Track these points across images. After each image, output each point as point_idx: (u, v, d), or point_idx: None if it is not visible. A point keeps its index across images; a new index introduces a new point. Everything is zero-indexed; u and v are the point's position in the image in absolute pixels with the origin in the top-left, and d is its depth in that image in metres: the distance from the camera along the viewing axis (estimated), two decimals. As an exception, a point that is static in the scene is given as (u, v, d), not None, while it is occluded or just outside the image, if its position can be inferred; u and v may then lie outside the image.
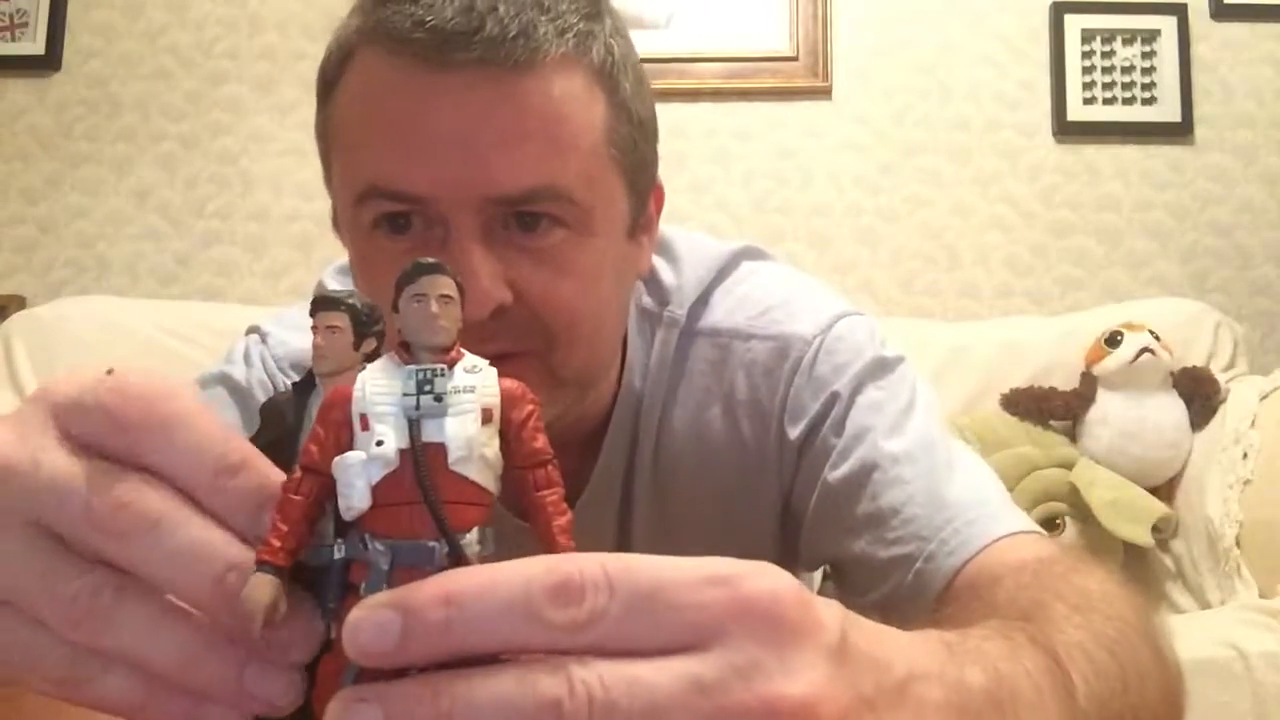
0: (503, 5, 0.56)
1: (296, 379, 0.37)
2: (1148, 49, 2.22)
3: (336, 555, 0.33)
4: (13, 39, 2.25)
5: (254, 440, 0.37)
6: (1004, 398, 1.83)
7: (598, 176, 0.61)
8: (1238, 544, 1.57)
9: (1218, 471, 1.66)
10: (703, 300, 0.75)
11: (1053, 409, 1.82)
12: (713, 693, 0.28)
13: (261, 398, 0.74)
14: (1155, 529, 1.71)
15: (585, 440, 0.73)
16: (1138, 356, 1.76)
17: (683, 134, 2.20)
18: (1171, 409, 1.78)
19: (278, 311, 0.84)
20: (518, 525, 0.33)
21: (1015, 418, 1.81)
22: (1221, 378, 1.82)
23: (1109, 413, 1.78)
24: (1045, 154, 2.23)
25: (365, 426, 0.32)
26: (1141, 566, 1.74)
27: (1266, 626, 1.25)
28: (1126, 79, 2.22)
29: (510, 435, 0.33)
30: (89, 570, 0.32)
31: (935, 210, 2.22)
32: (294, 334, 0.78)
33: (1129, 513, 1.70)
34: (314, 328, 0.35)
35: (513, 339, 0.60)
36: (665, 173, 0.72)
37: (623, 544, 0.76)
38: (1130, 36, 2.22)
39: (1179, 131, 2.20)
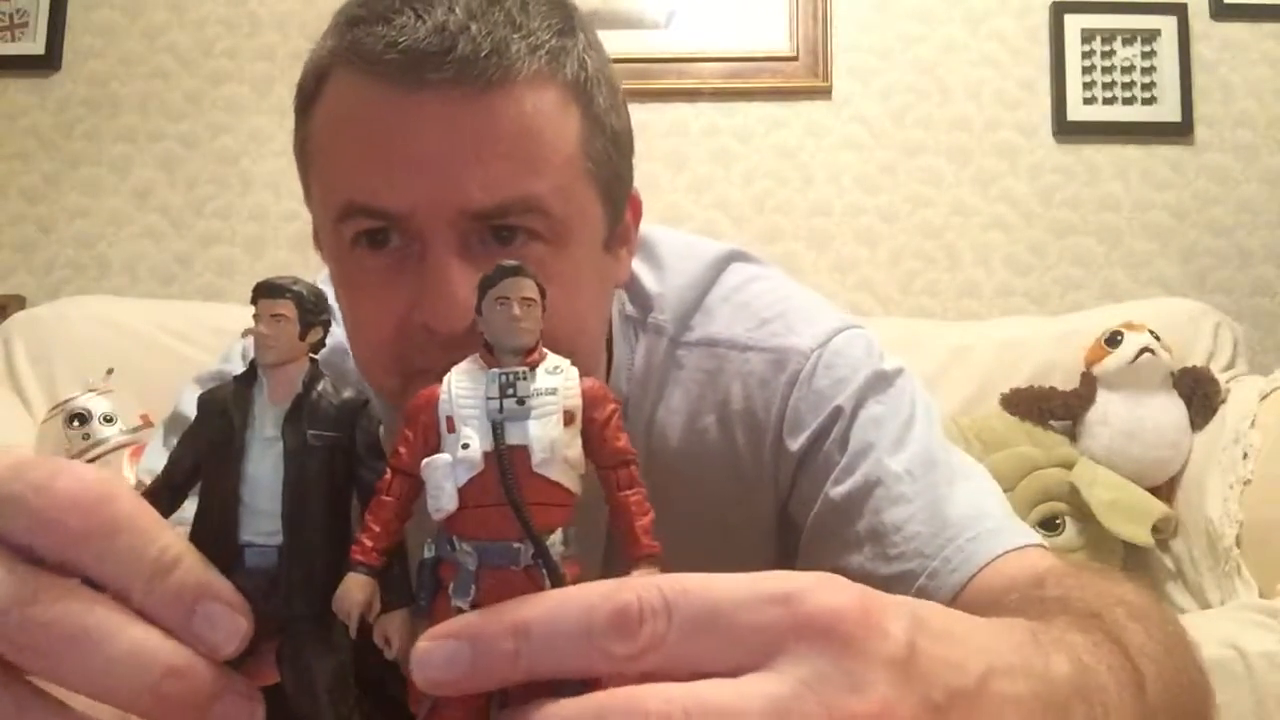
0: (475, 24, 0.56)
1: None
2: (1148, 49, 2.22)
3: (427, 554, 0.33)
4: (13, 39, 2.25)
5: (194, 435, 0.36)
6: (1004, 398, 1.83)
7: (572, 190, 0.61)
8: (1238, 544, 1.57)
9: (1218, 471, 1.66)
10: (695, 308, 0.75)
11: (1053, 409, 1.82)
12: (790, 712, 0.28)
13: None
14: (1155, 529, 1.71)
15: None
16: (1138, 356, 1.76)
17: (683, 134, 2.20)
18: (1171, 409, 1.78)
19: None
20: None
21: (1015, 418, 1.81)
22: (1221, 378, 1.82)
23: (1109, 413, 1.78)
24: (1045, 154, 2.23)
25: (451, 429, 0.32)
26: (1141, 566, 1.74)
27: (1266, 626, 1.25)
28: (1126, 79, 2.22)
29: (592, 435, 0.33)
30: None
31: (935, 210, 2.22)
32: None
33: (1129, 513, 1.70)
34: (256, 316, 0.35)
35: None
36: (665, 172, 0.72)
37: (609, 549, 0.75)
38: (1130, 36, 2.22)
39: (1179, 131, 2.20)
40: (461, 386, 0.33)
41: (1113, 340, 1.80)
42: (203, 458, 0.36)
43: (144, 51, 2.27)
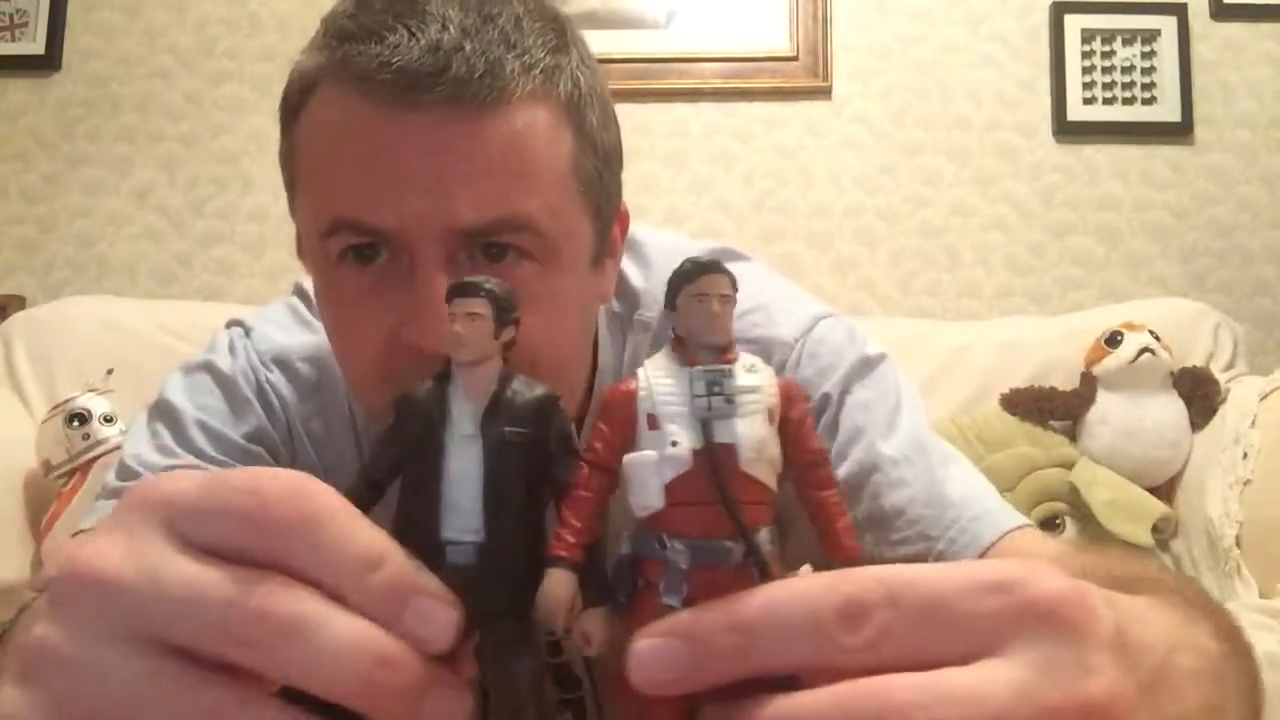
0: (469, 43, 0.56)
1: (275, 374, 0.37)
2: (1148, 49, 2.22)
3: (624, 551, 0.33)
4: (13, 39, 2.25)
5: (393, 434, 0.37)
6: (1004, 398, 1.83)
7: (563, 209, 0.61)
8: (1238, 544, 1.57)
9: (1218, 471, 1.66)
10: None
11: (1053, 409, 1.82)
12: (1031, 696, 0.28)
13: (244, 387, 0.74)
14: (1155, 529, 1.70)
15: None
16: (1138, 356, 1.76)
17: (683, 134, 2.20)
18: (1171, 409, 1.78)
19: (256, 309, 0.85)
20: None
21: (1015, 418, 1.81)
22: (1221, 378, 1.82)
23: (1109, 413, 1.78)
24: (1045, 154, 2.23)
25: (653, 426, 0.32)
26: (1141, 566, 1.74)
27: (1266, 626, 1.25)
28: (1126, 79, 2.22)
29: (789, 434, 0.33)
30: (215, 685, 0.30)
31: (935, 210, 2.22)
32: (276, 330, 0.78)
33: (1129, 512, 1.70)
34: (452, 315, 0.35)
35: None
36: (665, 173, 0.72)
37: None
38: (1130, 36, 2.22)
39: (1179, 131, 2.20)
40: (663, 383, 0.32)
41: (1113, 340, 1.80)
42: (402, 456, 0.36)
43: (144, 51, 2.27)
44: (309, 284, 0.81)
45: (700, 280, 0.33)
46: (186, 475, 0.33)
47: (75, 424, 1.64)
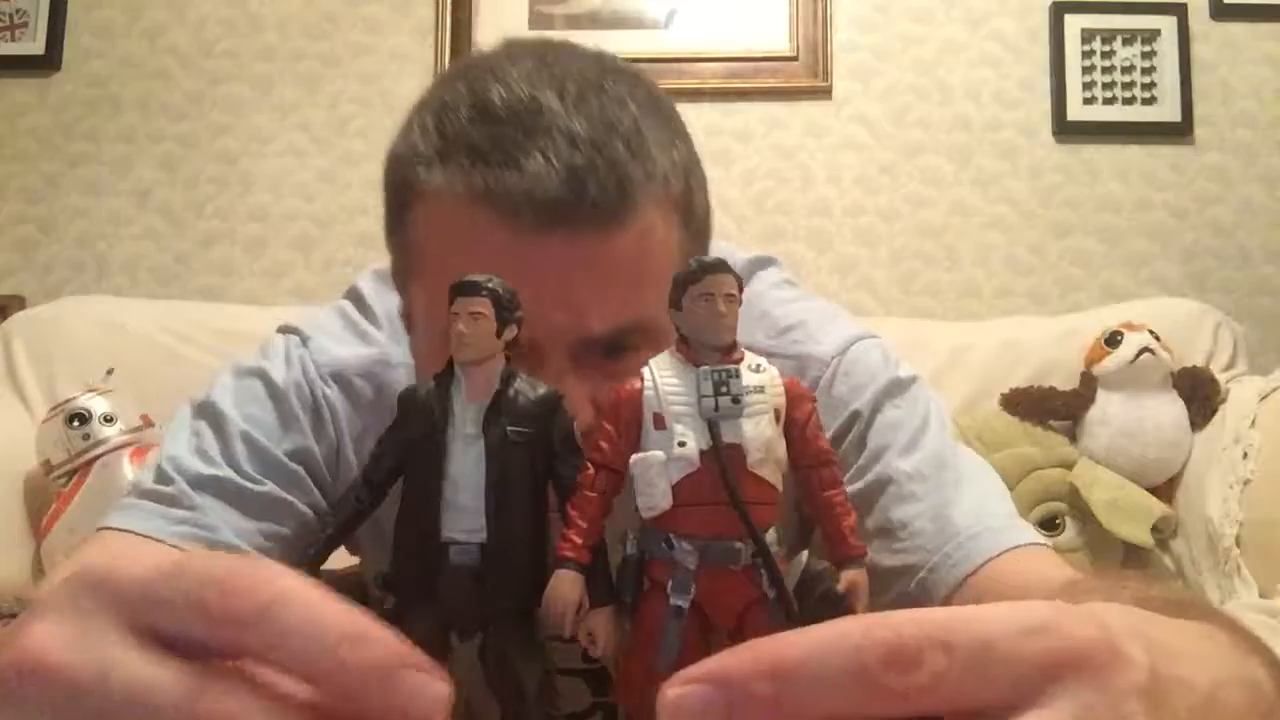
0: (600, 159, 0.57)
1: (333, 389, 0.36)
2: (1148, 49, 2.22)
3: (629, 552, 0.32)
4: (13, 39, 2.25)
5: (395, 434, 0.37)
6: (1004, 398, 1.83)
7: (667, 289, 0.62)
8: (1238, 544, 1.57)
9: (1218, 471, 1.66)
10: None
11: (1053, 409, 1.82)
12: None
13: (295, 402, 0.73)
14: (1155, 529, 1.70)
15: None
16: (1138, 356, 1.76)
17: (683, 134, 2.20)
18: (1171, 409, 1.78)
19: (308, 316, 0.83)
20: None
21: (1015, 418, 1.81)
22: (1221, 378, 1.82)
23: (1109, 413, 1.77)
24: (1045, 154, 2.22)
25: (660, 425, 0.32)
26: (1141, 566, 1.74)
27: (1266, 626, 1.25)
28: (1126, 79, 2.21)
29: (795, 435, 0.33)
30: None
31: (935, 210, 2.22)
32: (332, 341, 0.77)
33: (1129, 513, 1.70)
34: (454, 314, 0.35)
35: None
36: None
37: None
38: (1130, 36, 2.22)
39: (1179, 131, 2.20)
40: (669, 383, 0.32)
41: (1113, 340, 1.80)
42: (404, 457, 0.36)
43: (144, 51, 2.27)
44: (366, 287, 0.82)
45: (706, 280, 0.33)
46: (144, 559, 0.31)
47: (75, 424, 1.64)
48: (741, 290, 0.33)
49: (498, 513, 0.34)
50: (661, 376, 0.32)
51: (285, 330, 0.80)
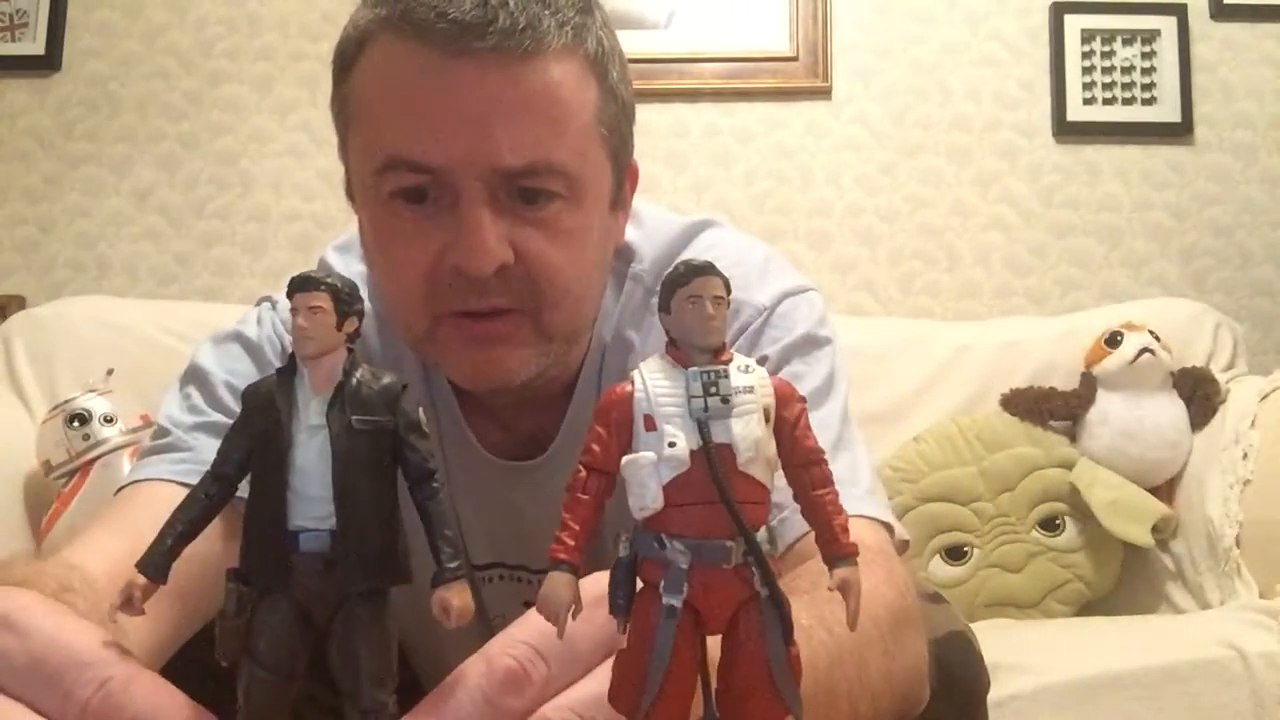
0: (512, 0, 0.63)
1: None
2: (1148, 49, 2.22)
3: (623, 553, 0.33)
4: (13, 39, 2.25)
5: (240, 429, 0.38)
6: (1004, 398, 1.83)
7: (588, 152, 0.68)
8: (1238, 544, 1.57)
9: (1218, 471, 1.66)
10: (671, 260, 0.80)
11: (1053, 409, 1.82)
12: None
13: (270, 353, 0.80)
14: (1155, 529, 1.70)
15: (560, 392, 0.79)
16: (1138, 356, 1.76)
17: (683, 134, 2.20)
18: (1171, 409, 1.78)
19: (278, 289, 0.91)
20: None
21: (1015, 418, 1.81)
22: (1221, 378, 1.82)
23: (1109, 413, 1.78)
24: (1045, 154, 2.22)
25: (650, 427, 0.32)
26: (1141, 566, 1.74)
27: (1266, 626, 1.25)
28: (1126, 79, 2.22)
29: (784, 434, 0.33)
30: None
31: (935, 210, 2.22)
32: None
33: (1129, 513, 1.70)
34: (294, 310, 0.35)
35: (509, 296, 0.68)
36: (665, 173, 0.75)
37: None
38: (1130, 36, 2.22)
39: (1179, 131, 2.20)
40: (659, 385, 0.33)
41: (1112, 340, 1.80)
42: (251, 450, 0.37)
43: (144, 52, 2.27)
44: (334, 260, 0.88)
45: (694, 282, 0.33)
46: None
47: (75, 424, 1.64)
48: (729, 292, 0.33)
49: (345, 499, 0.35)
50: (651, 379, 0.33)
51: (260, 300, 0.88)
